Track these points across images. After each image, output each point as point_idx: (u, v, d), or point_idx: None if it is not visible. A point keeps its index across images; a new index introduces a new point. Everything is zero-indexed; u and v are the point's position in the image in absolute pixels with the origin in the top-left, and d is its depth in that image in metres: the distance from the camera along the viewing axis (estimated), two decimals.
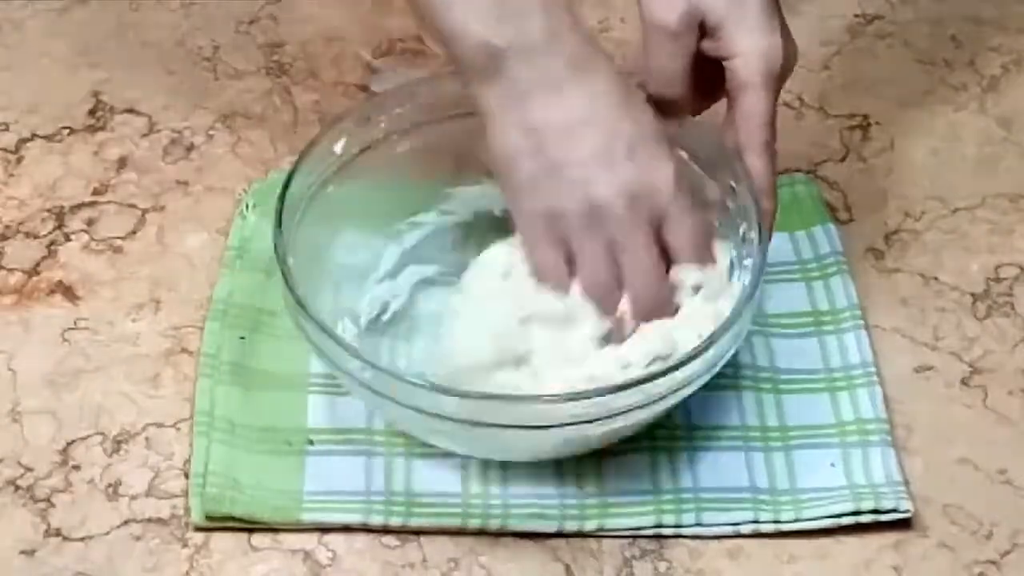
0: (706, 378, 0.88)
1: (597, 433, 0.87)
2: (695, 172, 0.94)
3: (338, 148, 0.96)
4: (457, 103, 0.94)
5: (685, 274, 0.89)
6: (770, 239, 0.92)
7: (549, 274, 0.89)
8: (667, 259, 0.89)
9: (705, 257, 0.90)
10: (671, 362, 0.86)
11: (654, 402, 0.86)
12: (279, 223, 0.90)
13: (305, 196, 0.94)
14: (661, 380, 0.85)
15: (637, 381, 0.85)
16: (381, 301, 0.97)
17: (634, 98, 0.89)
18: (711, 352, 0.86)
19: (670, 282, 0.89)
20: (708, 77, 0.93)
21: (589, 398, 0.84)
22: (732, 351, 0.88)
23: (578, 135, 0.87)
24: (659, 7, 0.91)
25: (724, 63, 0.91)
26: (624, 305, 0.88)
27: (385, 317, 0.97)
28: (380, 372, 0.86)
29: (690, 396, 0.88)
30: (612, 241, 0.87)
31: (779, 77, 0.92)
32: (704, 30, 0.91)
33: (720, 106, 0.94)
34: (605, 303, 0.88)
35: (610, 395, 0.85)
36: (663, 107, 0.92)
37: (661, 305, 0.89)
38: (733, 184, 0.93)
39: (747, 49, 0.91)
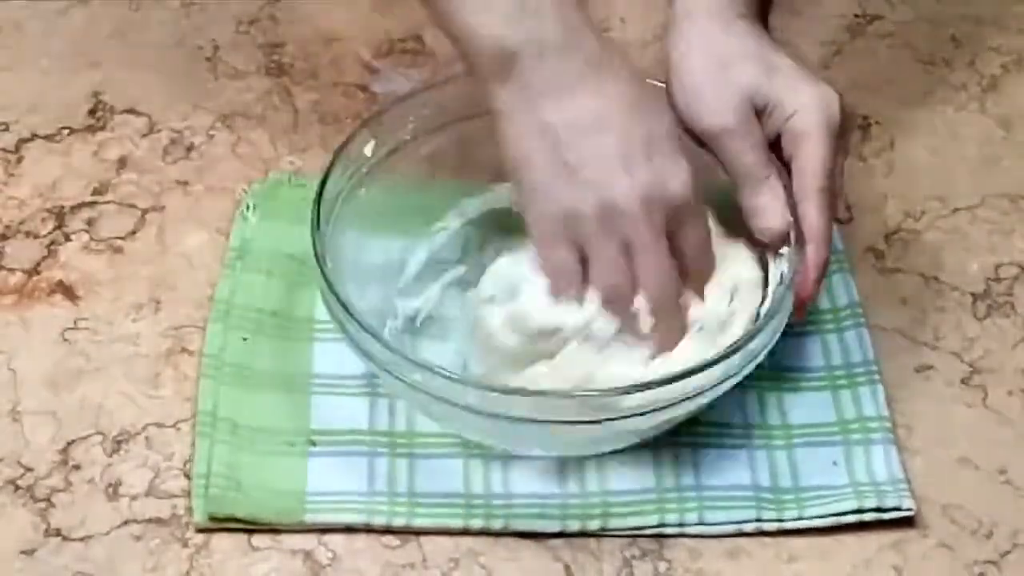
0: (744, 373, 0.88)
1: (645, 426, 0.88)
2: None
3: (368, 150, 0.96)
4: (480, 103, 0.92)
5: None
6: (819, 289, 0.91)
7: (562, 276, 0.89)
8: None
9: (707, 262, 0.90)
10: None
11: (690, 397, 0.87)
12: (317, 226, 0.90)
13: (337, 200, 0.93)
14: (705, 373, 0.86)
15: (683, 374, 0.86)
16: (412, 305, 0.97)
17: (649, 99, 0.89)
18: (753, 344, 0.87)
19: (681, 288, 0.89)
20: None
21: (650, 389, 0.85)
22: (774, 342, 0.89)
23: (593, 136, 0.86)
24: (707, 114, 0.91)
25: (783, 130, 0.91)
26: (640, 303, 0.88)
27: (417, 321, 0.97)
28: (431, 373, 0.85)
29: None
30: (626, 242, 0.87)
31: (839, 127, 0.91)
32: (759, 112, 0.91)
33: None
34: (618, 304, 0.88)
35: (656, 389, 0.85)
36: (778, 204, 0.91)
37: (675, 304, 0.89)
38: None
39: (800, 103, 0.90)
